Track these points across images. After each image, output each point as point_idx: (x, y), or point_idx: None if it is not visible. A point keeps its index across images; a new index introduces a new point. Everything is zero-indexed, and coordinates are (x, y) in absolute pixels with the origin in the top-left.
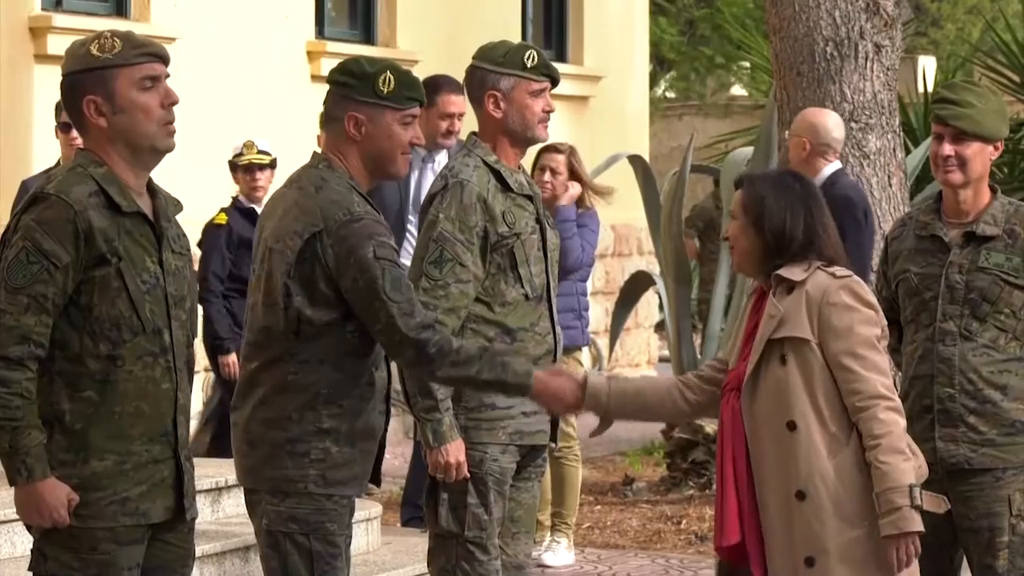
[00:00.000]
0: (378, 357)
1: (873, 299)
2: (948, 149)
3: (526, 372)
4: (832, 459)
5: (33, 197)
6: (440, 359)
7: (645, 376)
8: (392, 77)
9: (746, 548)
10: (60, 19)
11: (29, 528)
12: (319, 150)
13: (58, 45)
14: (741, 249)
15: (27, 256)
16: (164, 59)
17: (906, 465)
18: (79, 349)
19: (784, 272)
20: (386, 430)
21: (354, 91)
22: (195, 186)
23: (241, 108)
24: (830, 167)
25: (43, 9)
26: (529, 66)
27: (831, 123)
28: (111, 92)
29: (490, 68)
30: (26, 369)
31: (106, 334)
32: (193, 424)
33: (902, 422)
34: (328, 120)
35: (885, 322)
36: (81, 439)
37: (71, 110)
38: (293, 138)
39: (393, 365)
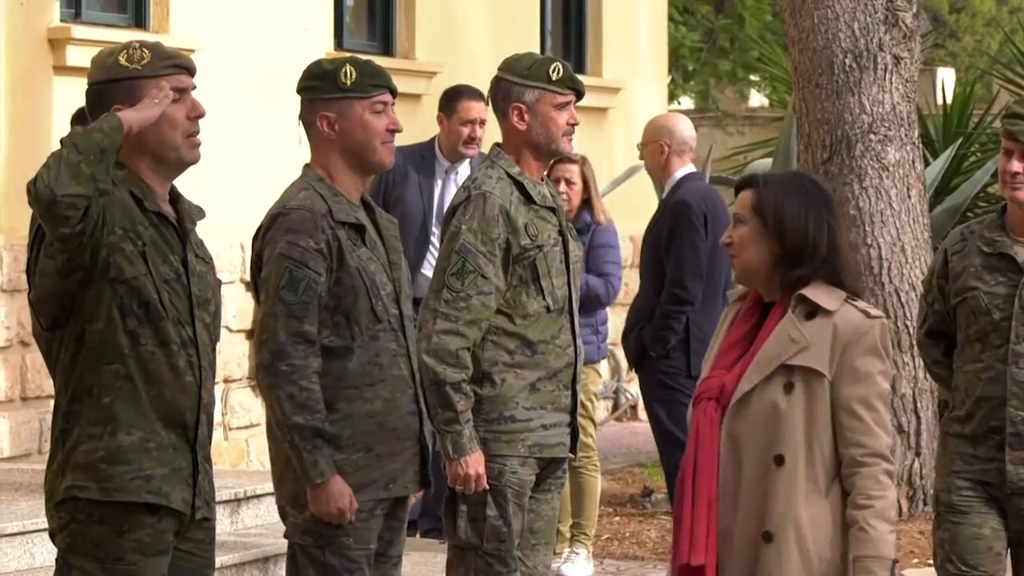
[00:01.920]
0: (383, 353)
1: (889, 346)
2: (1017, 166)
3: None
4: (809, 506)
5: None
6: None
7: None
8: (353, 69)
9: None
10: (79, 30)
11: (53, 538)
12: None
13: (77, 56)
14: (749, 258)
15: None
16: (191, 71)
17: (891, 537)
18: (108, 321)
19: (811, 294)
20: (422, 430)
21: (319, 91)
22: (216, 196)
23: (260, 119)
24: (683, 170)
25: (62, 20)
26: (554, 79)
27: (683, 124)
28: (138, 103)
29: (515, 80)
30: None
31: (134, 311)
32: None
33: (894, 487)
34: (306, 129)
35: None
36: (109, 412)
37: (97, 120)
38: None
39: (415, 363)
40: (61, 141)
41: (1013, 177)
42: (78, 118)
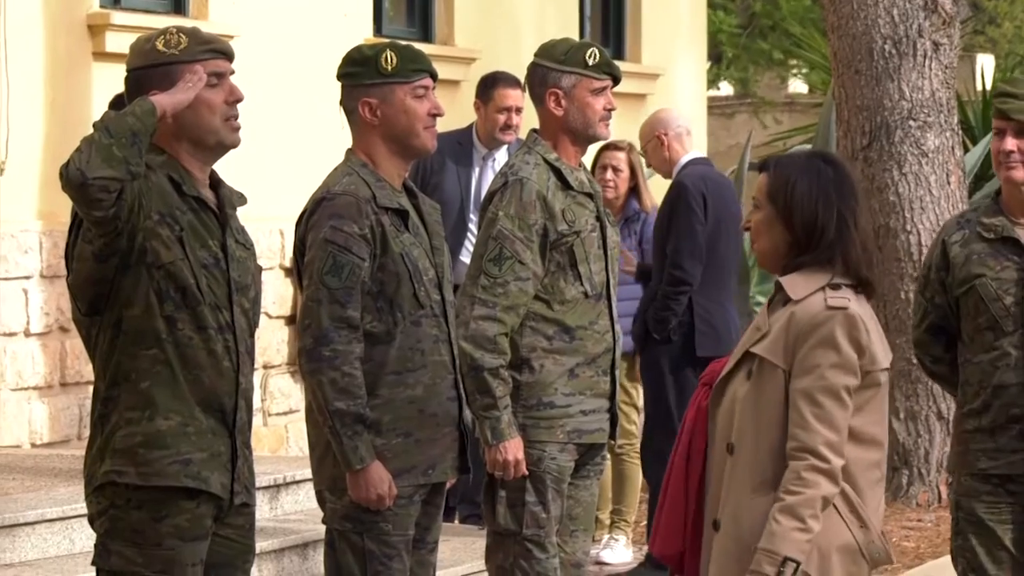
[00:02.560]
0: (425, 339)
1: (866, 340)
2: (1011, 144)
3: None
4: (753, 497)
5: None
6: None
7: None
8: (393, 54)
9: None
10: (118, 16)
11: (92, 523)
12: None
13: (116, 43)
14: (765, 244)
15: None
16: (229, 56)
17: (797, 535)
18: (145, 306)
19: (786, 282)
20: (461, 416)
21: (360, 77)
22: (255, 182)
23: (299, 105)
24: (686, 156)
25: (101, 6)
26: (591, 64)
27: (673, 112)
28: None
29: (551, 66)
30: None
31: (171, 296)
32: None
33: (825, 487)
34: (347, 115)
35: (883, 365)
36: (147, 397)
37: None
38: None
39: (456, 349)
40: (93, 125)
41: (1007, 156)
42: (115, 104)
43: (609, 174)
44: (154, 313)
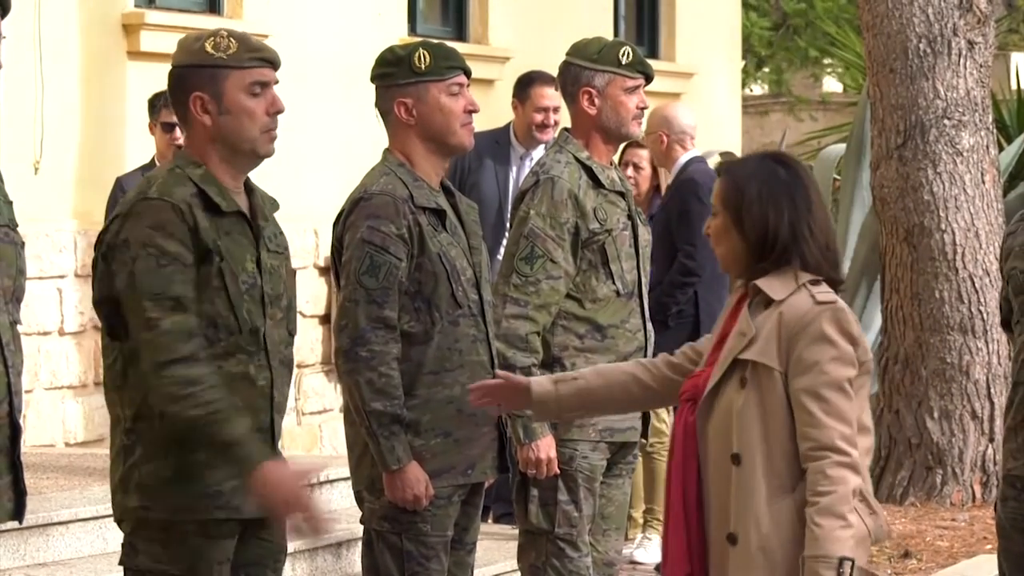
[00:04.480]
0: (463, 339)
1: (857, 331)
2: None
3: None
4: (771, 504)
5: (136, 202)
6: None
7: (600, 368)
8: (426, 52)
9: None
10: (153, 16)
11: (120, 523)
12: None
13: (151, 42)
14: (723, 249)
15: (156, 262)
16: (275, 65)
17: (843, 533)
18: None
19: (763, 284)
20: (500, 415)
21: (394, 78)
22: (289, 182)
23: (333, 105)
24: (687, 155)
25: (136, 6)
26: (624, 62)
27: (681, 114)
28: (219, 92)
29: (584, 64)
30: (204, 363)
31: (204, 332)
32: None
33: (853, 480)
34: (383, 117)
35: (870, 356)
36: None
37: (176, 103)
38: (384, 136)
39: (494, 349)
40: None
41: None
42: (152, 103)
43: (631, 171)
44: None
